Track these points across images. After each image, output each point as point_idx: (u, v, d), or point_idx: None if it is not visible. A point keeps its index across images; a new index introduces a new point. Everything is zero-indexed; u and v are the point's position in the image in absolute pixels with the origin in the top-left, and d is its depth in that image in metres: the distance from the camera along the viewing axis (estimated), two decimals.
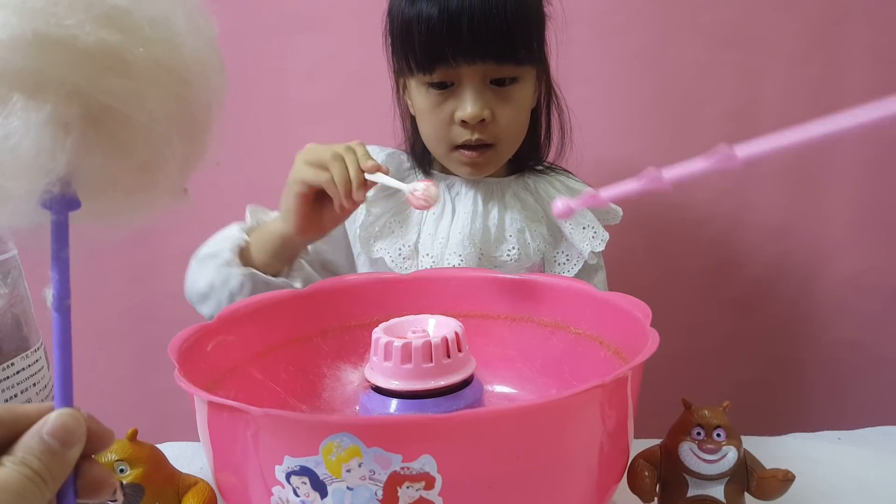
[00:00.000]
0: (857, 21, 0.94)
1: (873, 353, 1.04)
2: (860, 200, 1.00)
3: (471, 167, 0.74)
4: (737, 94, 0.97)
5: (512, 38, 0.67)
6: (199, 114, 0.31)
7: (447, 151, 0.74)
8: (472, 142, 0.71)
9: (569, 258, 0.77)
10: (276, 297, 0.56)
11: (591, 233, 0.76)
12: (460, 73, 0.69)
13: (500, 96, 0.71)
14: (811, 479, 0.53)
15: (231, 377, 0.49)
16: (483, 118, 0.69)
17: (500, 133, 0.72)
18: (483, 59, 0.67)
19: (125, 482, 0.40)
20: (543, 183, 0.80)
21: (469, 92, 0.69)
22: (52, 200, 0.28)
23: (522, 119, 0.74)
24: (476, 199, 0.77)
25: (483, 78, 0.69)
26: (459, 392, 0.44)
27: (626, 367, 0.37)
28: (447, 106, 0.71)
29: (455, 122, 0.71)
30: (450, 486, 0.32)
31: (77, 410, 0.28)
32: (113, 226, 0.32)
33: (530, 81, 0.73)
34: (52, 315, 0.28)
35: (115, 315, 1.03)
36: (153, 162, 0.29)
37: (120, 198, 0.30)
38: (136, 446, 0.41)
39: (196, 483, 0.43)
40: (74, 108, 0.26)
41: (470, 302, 0.58)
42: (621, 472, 0.42)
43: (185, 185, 0.34)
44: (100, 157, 0.27)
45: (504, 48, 0.67)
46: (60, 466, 0.27)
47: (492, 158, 0.74)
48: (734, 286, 1.03)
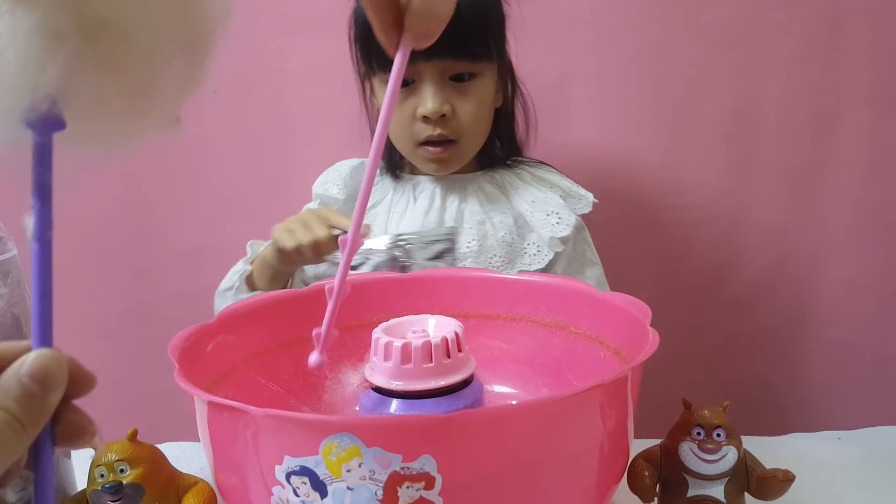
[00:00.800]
0: (857, 21, 0.94)
1: (873, 353, 1.04)
2: (860, 201, 1.00)
3: (436, 163, 0.76)
4: (737, 93, 0.97)
5: (467, 35, 0.69)
6: (203, 36, 0.29)
7: (412, 148, 0.76)
8: (434, 137, 0.73)
9: (539, 248, 0.77)
10: (276, 297, 0.56)
11: (554, 219, 0.76)
12: (420, 69, 0.71)
13: (459, 92, 0.73)
14: (811, 479, 0.53)
15: (231, 377, 0.49)
16: (443, 113, 0.72)
17: (461, 128, 0.74)
18: (439, 56, 0.70)
19: (125, 482, 0.40)
20: (511, 176, 0.81)
21: (429, 88, 0.72)
22: (37, 120, 0.25)
23: (484, 114, 0.76)
24: (435, 193, 0.79)
25: (442, 74, 0.72)
26: (459, 392, 0.44)
27: (626, 367, 0.37)
28: (409, 103, 0.73)
29: (417, 119, 0.73)
30: (450, 486, 0.32)
31: (58, 352, 0.26)
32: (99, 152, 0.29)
33: (490, 78, 0.75)
34: (32, 246, 0.26)
35: (115, 315, 1.03)
36: (151, 85, 0.27)
37: (110, 121, 0.27)
38: (136, 446, 0.41)
39: (196, 483, 0.43)
40: (68, 16, 0.23)
41: (470, 302, 0.58)
42: (621, 472, 0.42)
43: (178, 113, 0.31)
44: (94, 75, 0.24)
45: (459, 44, 0.70)
46: (40, 411, 0.25)
47: (455, 154, 0.76)
48: (734, 286, 1.03)
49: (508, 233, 0.76)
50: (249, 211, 1.01)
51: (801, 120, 0.97)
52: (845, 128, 0.97)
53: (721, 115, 0.97)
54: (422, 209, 0.78)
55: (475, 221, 0.76)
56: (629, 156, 0.99)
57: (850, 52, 0.95)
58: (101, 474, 0.40)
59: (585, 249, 0.82)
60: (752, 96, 0.97)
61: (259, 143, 0.99)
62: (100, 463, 0.41)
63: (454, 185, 0.80)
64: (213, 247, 1.01)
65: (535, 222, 0.76)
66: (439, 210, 0.78)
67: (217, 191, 1.01)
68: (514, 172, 0.82)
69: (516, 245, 0.77)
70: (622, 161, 0.99)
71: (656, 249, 1.02)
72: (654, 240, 1.02)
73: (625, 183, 1.00)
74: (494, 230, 0.76)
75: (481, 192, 0.79)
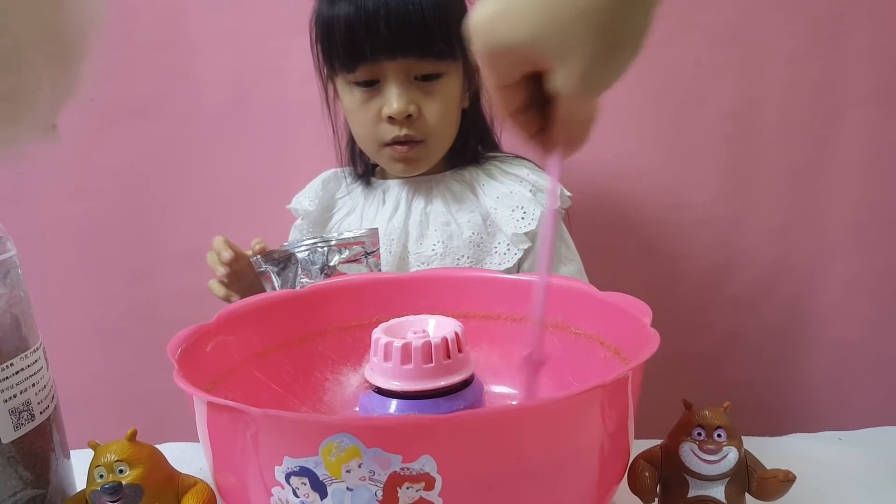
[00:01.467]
0: (857, 21, 0.94)
1: (874, 353, 1.04)
2: (860, 201, 0.99)
3: (403, 163, 0.75)
4: (737, 93, 0.97)
5: (430, 33, 0.69)
6: (72, 40, 0.27)
7: (378, 149, 0.75)
8: (400, 137, 0.73)
9: (509, 248, 0.75)
10: (276, 297, 0.56)
11: (519, 214, 0.74)
12: (384, 69, 0.71)
13: (425, 91, 0.72)
14: (812, 480, 0.53)
15: (231, 377, 0.49)
16: (409, 114, 0.71)
17: (427, 129, 0.73)
18: (403, 55, 0.69)
19: (124, 483, 0.40)
20: (478, 172, 0.80)
21: (394, 88, 0.71)
22: None
23: (451, 114, 0.75)
24: (401, 197, 0.78)
25: (407, 74, 0.71)
26: (459, 392, 0.44)
27: (626, 368, 0.37)
28: (374, 103, 0.72)
29: (383, 119, 0.72)
30: (450, 486, 0.32)
31: None
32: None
33: (456, 77, 0.74)
34: None
35: (115, 315, 1.03)
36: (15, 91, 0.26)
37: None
38: (136, 446, 0.41)
39: (196, 483, 0.43)
40: None
41: (470, 302, 0.58)
42: (622, 472, 0.42)
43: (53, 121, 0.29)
44: None
45: (422, 43, 0.69)
46: None
47: (422, 154, 0.75)
48: (734, 286, 1.03)
49: (476, 232, 0.75)
50: (249, 211, 1.01)
51: (801, 120, 0.97)
52: (846, 128, 0.97)
53: (721, 115, 0.97)
54: (387, 213, 0.77)
55: (440, 223, 0.75)
56: (629, 156, 0.99)
57: (850, 52, 0.95)
58: (100, 475, 0.40)
59: (560, 245, 0.79)
60: (753, 96, 0.97)
61: (259, 143, 0.99)
62: (99, 463, 0.40)
63: (420, 187, 0.79)
64: None
65: (500, 219, 0.75)
66: (404, 213, 0.77)
67: (217, 191, 1.01)
68: (484, 169, 0.80)
69: (485, 244, 0.75)
70: (622, 161, 0.99)
71: (656, 249, 1.02)
72: (654, 240, 1.02)
73: (625, 183, 1.00)
74: (460, 230, 0.75)
75: (448, 192, 0.78)
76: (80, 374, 1.00)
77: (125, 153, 0.98)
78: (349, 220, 0.81)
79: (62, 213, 0.98)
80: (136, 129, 0.97)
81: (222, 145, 0.99)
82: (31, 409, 0.44)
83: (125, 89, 0.95)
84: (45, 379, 0.46)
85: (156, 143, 0.98)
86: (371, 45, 0.69)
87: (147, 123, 0.97)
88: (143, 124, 0.97)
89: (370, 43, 0.69)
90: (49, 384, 0.47)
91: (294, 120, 0.99)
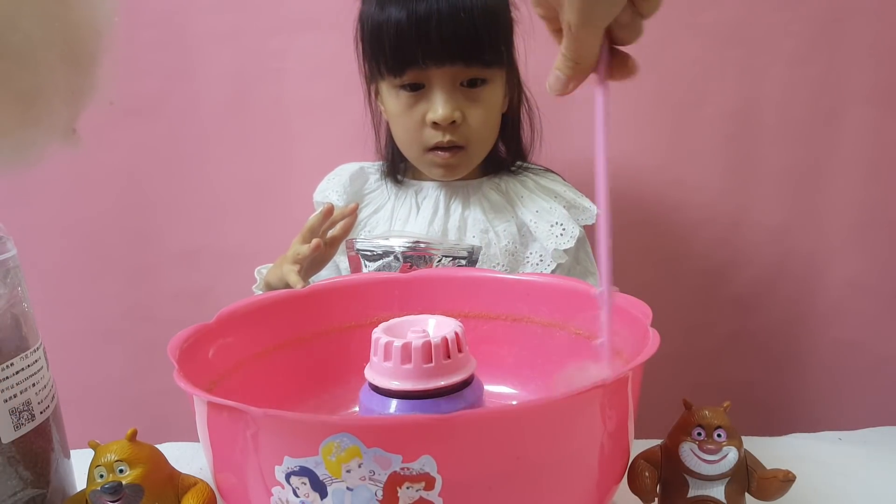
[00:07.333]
0: (857, 21, 0.94)
1: (874, 353, 1.04)
2: (861, 201, 0.99)
3: (444, 169, 0.76)
4: (737, 93, 0.97)
5: (479, 41, 0.69)
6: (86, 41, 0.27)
7: (420, 154, 0.75)
8: (444, 143, 0.73)
9: (542, 258, 0.77)
10: (276, 297, 0.56)
11: (558, 230, 0.76)
12: (430, 75, 0.71)
13: (470, 98, 0.72)
14: (812, 480, 0.53)
15: (231, 377, 0.49)
16: (454, 120, 0.71)
17: (470, 135, 0.73)
18: (452, 62, 0.69)
19: (125, 482, 0.40)
20: (515, 183, 0.81)
21: (440, 94, 0.71)
22: None
23: (493, 121, 0.76)
24: (439, 200, 0.78)
25: (453, 80, 0.71)
26: (459, 392, 0.44)
27: (626, 368, 0.37)
28: (419, 108, 0.72)
29: (427, 125, 0.72)
30: (450, 486, 0.32)
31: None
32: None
33: (500, 84, 0.75)
34: None
35: (115, 315, 1.03)
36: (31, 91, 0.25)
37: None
38: (136, 446, 0.41)
39: (196, 483, 0.43)
40: None
41: (470, 302, 0.58)
42: (622, 472, 0.42)
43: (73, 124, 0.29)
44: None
45: (472, 50, 0.69)
46: None
47: (463, 160, 0.75)
48: (734, 286, 1.03)
49: (512, 241, 0.76)
50: (249, 211, 1.01)
51: (801, 120, 0.97)
52: (846, 128, 0.97)
53: (721, 115, 0.97)
54: (426, 217, 0.77)
55: (479, 230, 0.76)
56: (629, 156, 0.99)
57: (851, 52, 0.95)
58: (100, 475, 0.40)
59: (585, 259, 0.82)
60: (753, 96, 0.97)
61: (259, 143, 0.99)
62: (99, 463, 0.40)
63: (458, 192, 0.79)
64: (213, 247, 1.01)
65: (539, 233, 0.76)
66: (443, 218, 0.77)
67: (217, 191, 1.01)
68: (519, 180, 0.81)
69: (519, 254, 0.77)
70: (622, 161, 0.99)
71: (656, 250, 1.02)
72: (654, 240, 1.02)
73: (625, 183, 1.00)
74: (498, 239, 0.76)
75: (486, 200, 0.79)
76: (80, 374, 1.00)
77: (125, 153, 0.98)
78: (377, 217, 0.81)
79: (62, 213, 0.98)
80: (137, 129, 0.97)
81: (222, 145, 0.99)
82: (31, 409, 0.44)
83: (125, 89, 0.95)
84: (45, 379, 0.46)
85: (156, 143, 0.98)
86: (421, 51, 0.68)
87: (147, 123, 0.97)
88: (144, 124, 0.97)
89: (420, 49, 0.68)
90: (49, 384, 0.47)
91: (294, 120, 0.99)
